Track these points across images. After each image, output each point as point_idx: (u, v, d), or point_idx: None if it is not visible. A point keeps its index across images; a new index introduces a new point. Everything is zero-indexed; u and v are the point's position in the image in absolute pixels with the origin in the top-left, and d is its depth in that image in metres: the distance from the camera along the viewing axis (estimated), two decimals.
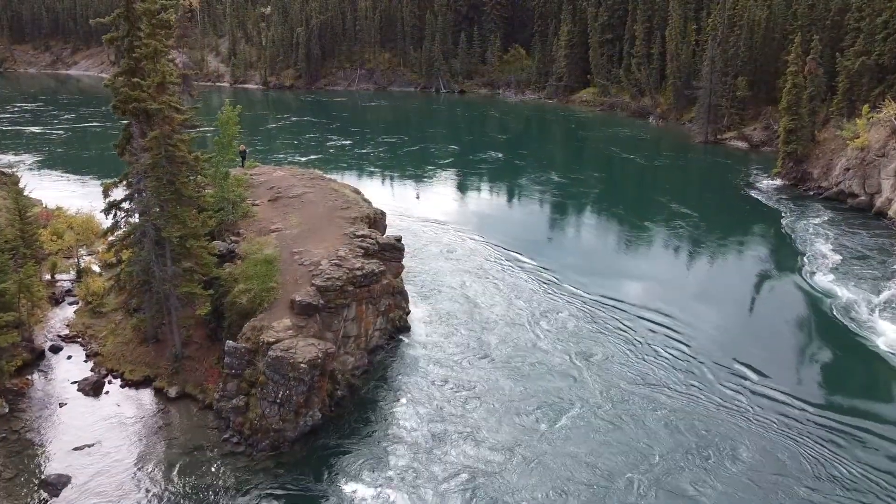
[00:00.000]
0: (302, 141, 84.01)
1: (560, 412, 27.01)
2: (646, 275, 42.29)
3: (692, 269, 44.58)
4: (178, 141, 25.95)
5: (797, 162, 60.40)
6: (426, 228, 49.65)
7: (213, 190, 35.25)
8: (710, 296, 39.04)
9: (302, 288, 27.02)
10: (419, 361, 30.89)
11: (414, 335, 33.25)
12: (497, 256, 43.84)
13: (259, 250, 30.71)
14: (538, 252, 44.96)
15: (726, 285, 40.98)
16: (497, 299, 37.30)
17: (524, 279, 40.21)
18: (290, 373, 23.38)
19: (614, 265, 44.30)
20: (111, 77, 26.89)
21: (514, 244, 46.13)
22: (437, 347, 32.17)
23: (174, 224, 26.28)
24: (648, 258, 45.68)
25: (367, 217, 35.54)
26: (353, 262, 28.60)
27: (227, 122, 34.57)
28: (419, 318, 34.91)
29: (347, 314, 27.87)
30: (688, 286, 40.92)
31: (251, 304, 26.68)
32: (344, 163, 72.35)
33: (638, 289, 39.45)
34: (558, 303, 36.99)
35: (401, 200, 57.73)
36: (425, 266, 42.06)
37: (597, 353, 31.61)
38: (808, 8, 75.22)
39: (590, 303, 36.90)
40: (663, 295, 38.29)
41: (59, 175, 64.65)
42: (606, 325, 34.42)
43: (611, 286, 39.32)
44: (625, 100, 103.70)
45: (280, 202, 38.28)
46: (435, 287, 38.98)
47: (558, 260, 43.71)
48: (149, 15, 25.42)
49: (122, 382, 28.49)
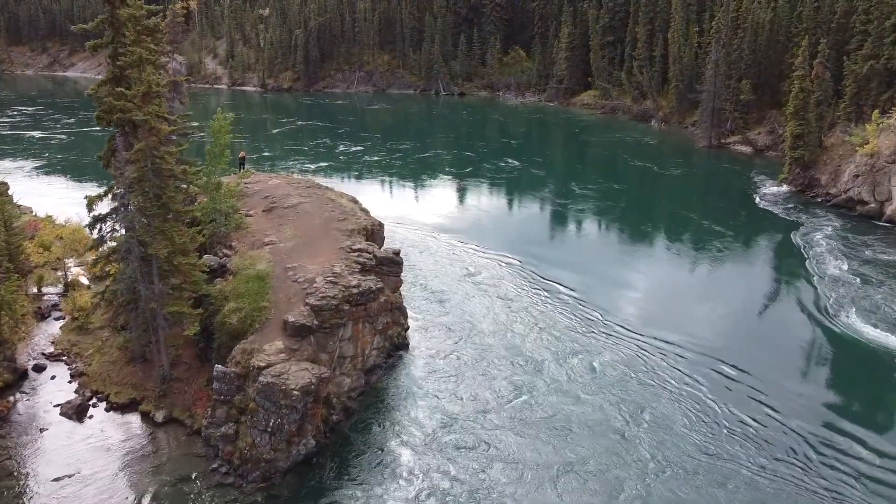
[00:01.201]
0: (310, 147, 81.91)
1: (567, 435, 25.73)
2: (671, 298, 39.55)
3: (716, 294, 40.35)
4: (164, 153, 24.67)
5: (804, 168, 59.14)
6: (431, 239, 48.28)
7: (204, 200, 34.06)
8: (750, 332, 35.16)
9: (295, 307, 25.74)
10: (418, 381, 29.61)
11: (413, 352, 31.98)
12: (510, 272, 42.13)
13: (251, 266, 29.46)
14: (548, 263, 43.40)
15: (763, 318, 37.36)
16: (500, 313, 36.02)
17: (535, 295, 38.93)
18: (281, 400, 22.11)
19: (631, 284, 41.45)
20: (95, 86, 25.61)
21: (524, 256, 44.45)
22: (436, 365, 30.89)
23: (161, 240, 25.00)
24: (668, 276, 43.24)
25: (365, 229, 34.26)
26: (350, 278, 27.31)
27: (220, 130, 33.24)
28: (418, 333, 33.66)
29: (343, 334, 26.59)
30: (719, 316, 36.94)
31: (242, 324, 25.40)
32: (355, 170, 70.37)
33: (662, 313, 36.62)
34: (564, 318, 35.73)
35: (411, 209, 56.00)
36: (427, 277, 40.83)
37: (607, 375, 30.31)
38: (814, 10, 73.96)
39: (606, 324, 34.99)
40: (703, 327, 35.47)
41: (57, 181, 63.31)
42: (619, 347, 33.01)
43: (627, 308, 37.14)
44: (626, 103, 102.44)
45: (275, 213, 37.01)
46: (435, 299, 37.74)
47: (574, 276, 41.39)
48: (134, 21, 24.12)
49: (108, 405, 27.20)
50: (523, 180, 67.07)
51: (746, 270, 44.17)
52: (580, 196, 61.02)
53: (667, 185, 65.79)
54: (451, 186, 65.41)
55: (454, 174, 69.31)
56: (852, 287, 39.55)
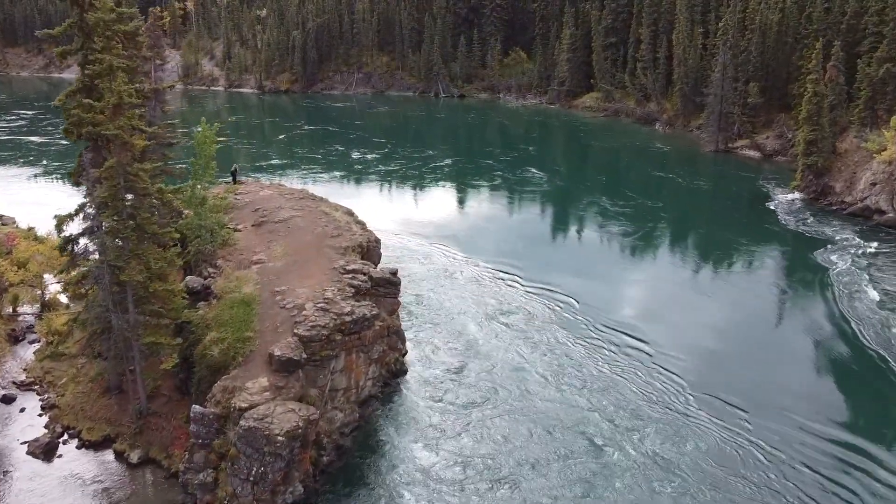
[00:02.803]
0: (322, 155, 78.20)
1: (586, 482, 23.59)
2: (695, 327, 36.34)
3: (743, 322, 37.15)
4: (138, 170, 22.52)
5: (818, 175, 56.98)
6: (433, 250, 46.15)
7: (190, 215, 31.94)
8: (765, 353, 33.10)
9: (283, 337, 23.57)
10: (417, 412, 27.47)
11: (411, 379, 29.84)
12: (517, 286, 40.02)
13: (237, 288, 27.34)
14: (557, 277, 41.05)
15: (793, 346, 34.38)
16: (504, 332, 33.88)
17: (542, 308, 36.82)
18: (265, 447, 19.96)
19: (638, 299, 39.37)
20: (63, 95, 23.47)
21: (540, 273, 41.67)
22: (437, 393, 28.73)
23: (135, 265, 22.85)
24: (697, 304, 39.67)
25: (360, 246, 32.12)
26: (342, 305, 25.14)
27: (205, 141, 31.15)
28: (418, 356, 31.50)
29: (335, 366, 24.44)
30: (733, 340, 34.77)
31: (224, 356, 23.24)
32: (370, 179, 67.38)
33: (682, 339, 34.11)
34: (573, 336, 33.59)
35: (424, 220, 53.20)
36: (426, 292, 38.71)
37: (621, 406, 28.13)
38: (824, 11, 71.78)
39: (622, 349, 32.56)
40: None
41: (54, 190, 60.74)
42: (631, 372, 30.87)
43: (642, 328, 34.74)
44: (629, 105, 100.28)
45: (265, 227, 34.86)
46: (435, 318, 35.58)
47: (587, 291, 39.10)
48: (103, 26, 21.96)
49: (79, 443, 25.07)
50: (550, 193, 63.28)
51: (768, 292, 40.69)
52: (606, 210, 56.33)
53: (679, 195, 62.25)
54: (469, 197, 62.24)
55: (474, 185, 65.76)
56: (886, 309, 37.18)
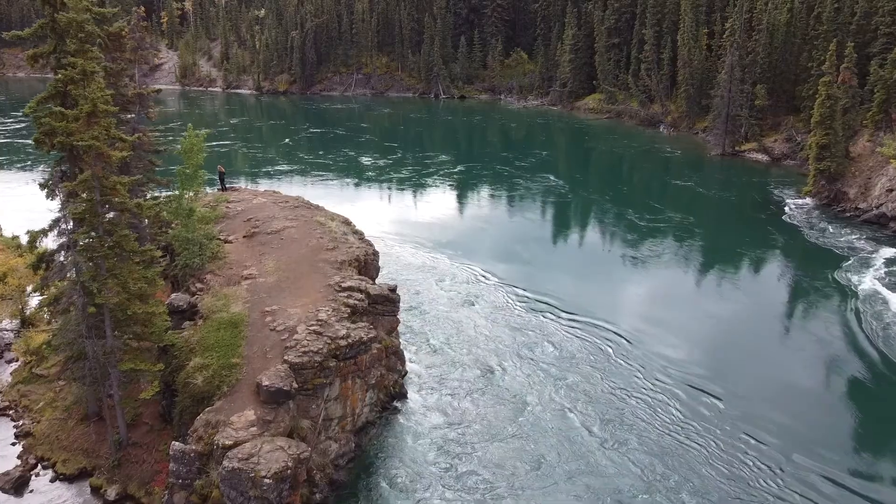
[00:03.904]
0: (333, 160, 75.51)
1: None
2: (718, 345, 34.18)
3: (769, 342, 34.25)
4: (115, 183, 20.73)
5: (830, 180, 55.23)
6: (439, 261, 44.36)
7: (176, 228, 30.21)
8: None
9: (272, 364, 21.76)
10: (417, 439, 25.69)
11: (411, 403, 28.02)
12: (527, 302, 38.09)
13: (225, 307, 25.57)
14: (572, 295, 38.63)
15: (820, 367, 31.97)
16: (511, 349, 32.11)
17: (549, 324, 35.04)
18: (250, 490, 18.17)
19: (660, 320, 36.15)
20: (34, 102, 21.67)
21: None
22: (439, 417, 26.94)
23: (112, 286, 21.06)
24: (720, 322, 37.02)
25: (357, 260, 30.32)
26: (337, 328, 23.33)
27: (192, 149, 29.36)
28: (418, 376, 29.71)
29: (329, 394, 22.64)
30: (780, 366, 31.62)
31: (208, 385, 21.44)
32: (386, 187, 65.24)
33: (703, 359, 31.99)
34: (590, 355, 31.79)
35: (442, 232, 50.49)
36: (428, 305, 36.96)
37: (633, 434, 26.37)
38: (835, 11, 69.98)
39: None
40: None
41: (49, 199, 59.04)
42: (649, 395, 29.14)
43: (665, 352, 32.28)
44: (633, 107, 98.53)
45: (256, 239, 33.06)
46: (437, 334, 33.79)
47: (603, 308, 36.69)
48: (76, 27, 20.17)
49: (54, 475, 23.27)
50: (575, 205, 60.22)
51: (789, 307, 38.67)
52: (635, 225, 52.42)
53: (697, 204, 58.98)
54: (490, 208, 59.15)
55: (495, 195, 62.68)
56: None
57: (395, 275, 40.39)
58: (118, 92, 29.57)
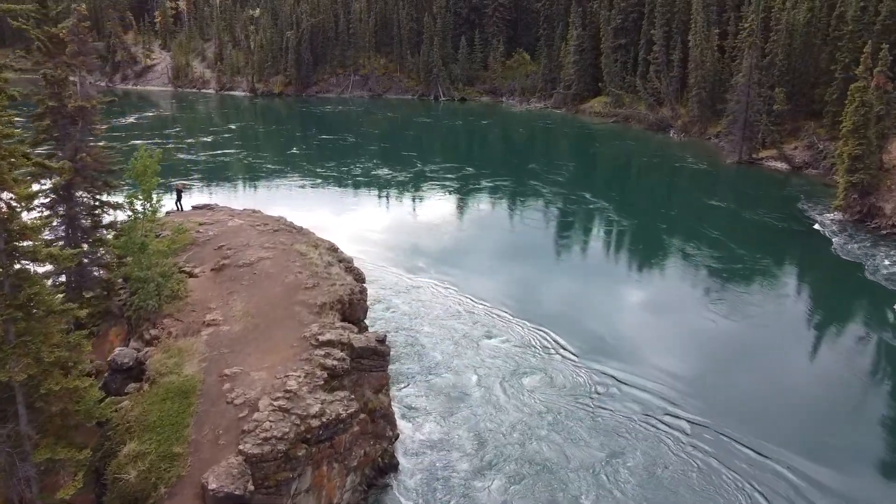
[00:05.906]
0: (347, 173, 68.60)
1: None
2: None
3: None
4: (21, 226, 16.33)
5: (863, 194, 50.81)
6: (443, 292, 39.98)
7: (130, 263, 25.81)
8: None
9: (224, 454, 17.35)
10: None
11: (403, 475, 23.63)
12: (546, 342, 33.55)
13: (177, 368, 21.21)
14: (591, 337, 33.79)
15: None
16: (518, 399, 27.73)
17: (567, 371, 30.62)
18: None
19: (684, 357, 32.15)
20: None
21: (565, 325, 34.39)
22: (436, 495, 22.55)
23: (20, 358, 16.65)
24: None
25: (340, 301, 25.92)
26: (309, 402, 18.89)
27: (144, 171, 24.96)
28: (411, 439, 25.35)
29: (299, 486, 18.24)
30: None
31: (142, 483, 17.04)
32: (416, 207, 58.39)
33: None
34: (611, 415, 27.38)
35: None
36: (423, 341, 32.58)
37: None
38: (860, 10, 65.50)
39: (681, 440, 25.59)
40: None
41: None
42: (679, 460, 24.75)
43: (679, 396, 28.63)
44: (640, 111, 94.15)
45: (226, 273, 28.65)
46: (435, 381, 29.40)
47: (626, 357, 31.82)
48: None
49: None
50: (624, 233, 52.11)
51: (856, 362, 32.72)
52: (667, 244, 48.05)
53: (737, 223, 53.24)
54: (537, 236, 51.50)
55: (533, 219, 55.09)
56: None
57: (387, 303, 36.05)
58: (61, 103, 25.31)
